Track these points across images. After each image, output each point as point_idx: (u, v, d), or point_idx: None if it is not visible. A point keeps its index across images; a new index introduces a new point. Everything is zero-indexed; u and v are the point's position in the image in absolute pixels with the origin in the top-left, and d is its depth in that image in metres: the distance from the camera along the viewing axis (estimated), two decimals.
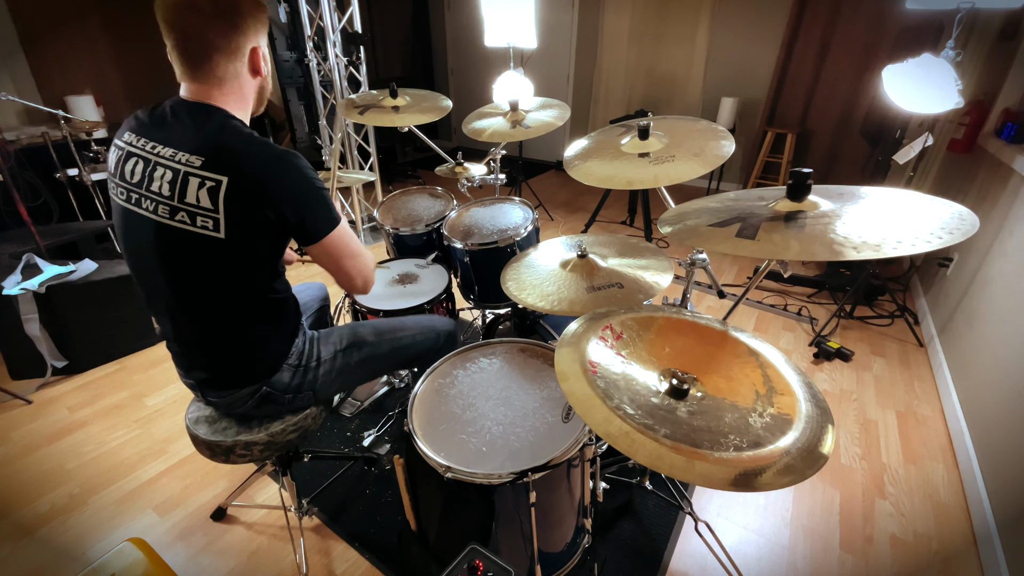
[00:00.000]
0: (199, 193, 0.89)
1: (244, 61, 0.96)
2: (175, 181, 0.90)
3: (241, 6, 0.92)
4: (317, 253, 1.03)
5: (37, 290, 2.01)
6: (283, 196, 0.92)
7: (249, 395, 1.09)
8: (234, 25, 0.92)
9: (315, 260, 1.05)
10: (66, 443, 1.86)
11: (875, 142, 3.16)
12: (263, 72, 1.01)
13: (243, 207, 0.90)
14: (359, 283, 1.12)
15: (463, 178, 2.00)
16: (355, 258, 1.08)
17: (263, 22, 0.97)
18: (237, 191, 0.89)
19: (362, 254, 1.10)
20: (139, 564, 0.93)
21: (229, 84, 0.96)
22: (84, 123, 2.82)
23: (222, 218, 0.89)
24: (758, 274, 1.18)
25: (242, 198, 0.89)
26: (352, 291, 1.15)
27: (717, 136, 1.29)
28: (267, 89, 1.06)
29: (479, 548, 0.78)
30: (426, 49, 6.04)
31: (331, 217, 1.00)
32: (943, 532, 1.52)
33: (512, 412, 1.07)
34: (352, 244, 1.07)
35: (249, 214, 0.91)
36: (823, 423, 0.76)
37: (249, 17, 0.94)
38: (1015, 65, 2.22)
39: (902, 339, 2.46)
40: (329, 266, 1.06)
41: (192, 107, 0.95)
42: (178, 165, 0.90)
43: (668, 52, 4.50)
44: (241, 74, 0.97)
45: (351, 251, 1.07)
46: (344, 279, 1.10)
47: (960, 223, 0.76)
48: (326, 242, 1.01)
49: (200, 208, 0.89)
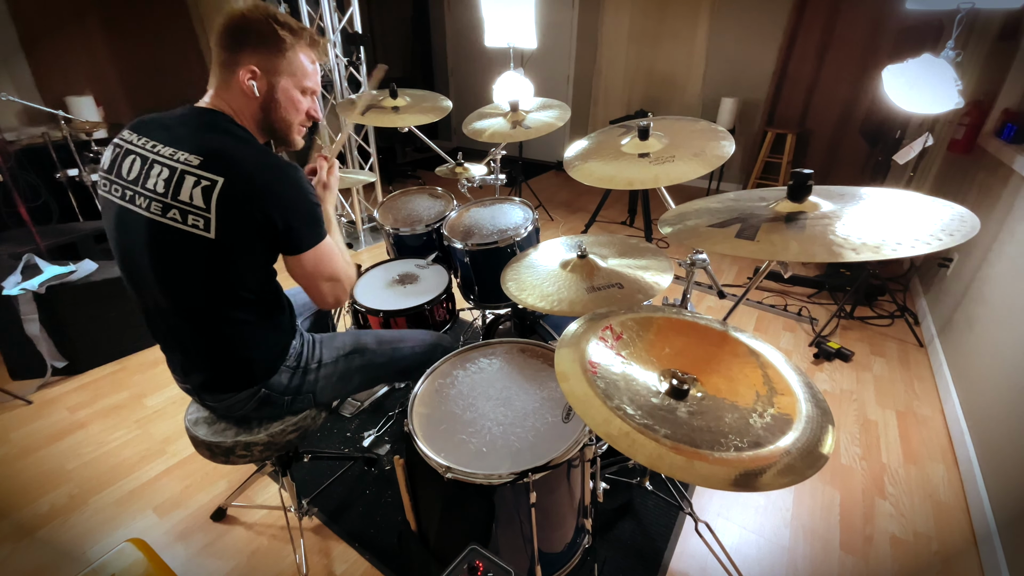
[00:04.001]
0: (193, 191, 0.89)
1: (235, 79, 0.97)
2: (171, 178, 0.90)
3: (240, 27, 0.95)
4: (294, 266, 1.01)
5: (37, 290, 2.01)
6: (274, 202, 0.92)
7: (248, 397, 1.09)
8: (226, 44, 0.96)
9: (294, 274, 1.03)
10: (66, 443, 1.86)
11: (875, 142, 3.16)
12: (252, 95, 0.99)
13: (235, 209, 0.90)
14: (330, 301, 1.09)
15: (463, 178, 2.00)
16: (332, 282, 1.06)
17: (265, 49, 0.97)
18: (231, 192, 0.89)
19: (340, 280, 1.07)
20: (139, 564, 0.93)
21: (231, 94, 0.99)
22: (84, 123, 2.82)
23: (213, 218, 0.89)
24: (758, 274, 1.18)
25: (235, 200, 0.90)
26: (323, 307, 1.14)
27: (717, 136, 1.29)
28: (275, 116, 1.03)
29: (479, 548, 0.78)
30: (426, 49, 6.04)
31: (318, 231, 1.00)
32: (943, 532, 1.52)
33: (512, 412, 1.07)
34: (332, 267, 1.04)
35: (240, 216, 0.91)
36: (823, 423, 0.76)
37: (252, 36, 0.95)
38: (1015, 65, 2.22)
39: (902, 339, 2.46)
40: (304, 283, 1.04)
41: (200, 111, 0.98)
42: (175, 163, 0.91)
43: (668, 52, 4.50)
44: (232, 87, 0.98)
45: (329, 273, 1.04)
46: (316, 296, 1.07)
47: (960, 224, 0.76)
48: (307, 257, 0.99)
49: (192, 206, 0.90)
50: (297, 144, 1.09)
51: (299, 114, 1.06)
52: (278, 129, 1.05)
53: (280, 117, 1.04)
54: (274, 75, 0.99)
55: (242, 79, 0.97)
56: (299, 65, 1.01)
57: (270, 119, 1.03)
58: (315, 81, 1.06)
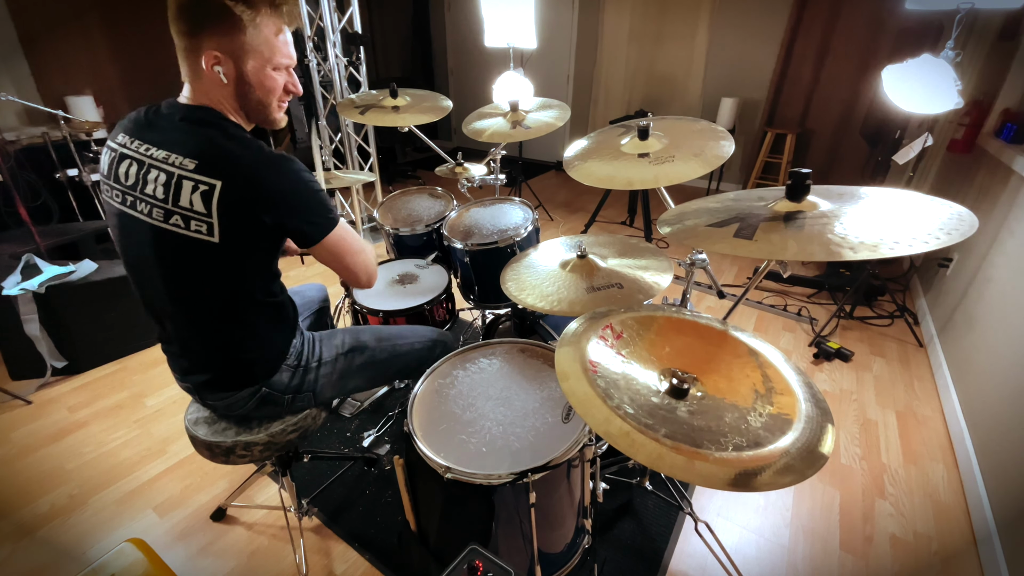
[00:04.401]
0: (192, 197, 0.88)
1: (200, 66, 0.90)
2: (169, 184, 0.89)
3: (195, 7, 0.87)
4: (319, 253, 1.04)
5: (37, 290, 2.01)
6: (279, 201, 0.91)
7: (248, 396, 1.09)
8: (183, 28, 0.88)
9: (318, 259, 1.06)
10: (66, 443, 1.86)
11: (875, 142, 3.16)
12: (222, 82, 0.92)
13: (238, 211, 0.89)
14: (363, 278, 1.13)
15: (463, 178, 2.00)
16: (356, 255, 1.08)
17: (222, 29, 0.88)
18: (231, 195, 0.88)
19: (363, 250, 1.11)
20: (139, 564, 0.93)
21: (200, 85, 0.93)
22: (84, 123, 2.81)
23: (216, 222, 0.89)
24: (758, 274, 1.18)
25: (237, 203, 0.89)
26: (357, 286, 1.16)
27: (717, 136, 1.29)
28: (251, 99, 0.97)
29: (479, 548, 0.78)
30: (426, 49, 6.04)
31: (329, 218, 1.00)
32: (943, 532, 1.52)
33: (512, 412, 1.07)
34: (352, 241, 1.07)
35: (244, 219, 0.90)
36: (823, 423, 0.76)
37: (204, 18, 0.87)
38: (1015, 65, 2.22)
39: (902, 339, 2.46)
40: (333, 265, 1.07)
41: (185, 109, 0.94)
42: (171, 168, 0.89)
43: (668, 52, 4.50)
44: (202, 77, 0.92)
45: (353, 248, 1.07)
46: (349, 276, 1.11)
47: (959, 223, 0.76)
48: (326, 243, 1.01)
49: (194, 212, 0.89)
50: (280, 122, 1.04)
51: (275, 94, 0.98)
52: (257, 112, 0.99)
53: (257, 100, 0.97)
54: (239, 57, 0.90)
55: (207, 67, 0.89)
56: (264, 40, 0.91)
57: (247, 105, 0.97)
58: (286, 53, 0.96)
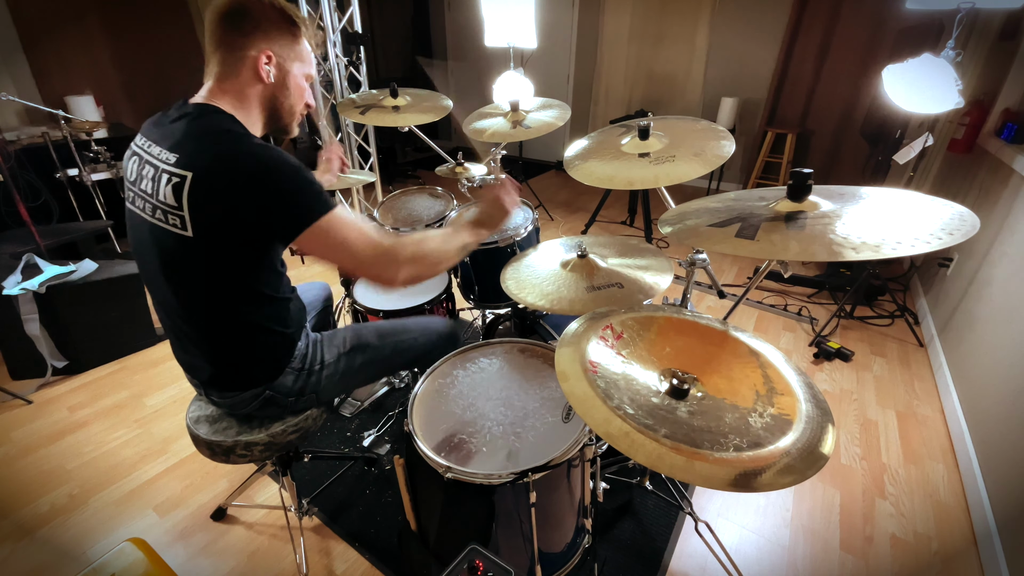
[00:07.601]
0: (165, 190, 0.88)
1: (246, 63, 0.95)
2: (155, 179, 0.90)
3: (249, 10, 0.94)
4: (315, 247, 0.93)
5: (37, 290, 2.01)
6: (253, 187, 0.85)
7: (252, 398, 1.09)
8: (233, 27, 0.94)
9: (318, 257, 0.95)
10: (66, 443, 1.86)
11: (875, 142, 3.16)
12: (266, 80, 0.97)
13: (207, 204, 0.86)
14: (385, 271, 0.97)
15: (463, 178, 2.00)
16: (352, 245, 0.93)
17: (278, 34, 0.97)
18: (199, 188, 0.85)
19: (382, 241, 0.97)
20: (139, 564, 0.93)
21: (230, 82, 0.96)
22: (84, 123, 2.82)
23: (187, 215, 0.87)
24: (758, 274, 1.18)
25: (205, 195, 0.86)
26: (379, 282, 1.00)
27: (717, 136, 1.29)
28: (284, 103, 1.03)
29: (479, 548, 0.78)
30: (426, 49, 6.04)
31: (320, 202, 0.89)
32: (943, 532, 1.52)
33: (512, 412, 1.07)
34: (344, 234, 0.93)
35: (215, 211, 0.86)
36: (823, 423, 0.76)
37: (263, 21, 0.95)
38: (1015, 65, 2.22)
39: (902, 339, 2.46)
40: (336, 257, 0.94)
41: (192, 107, 0.95)
42: (158, 162, 0.90)
43: (668, 52, 4.50)
44: (241, 74, 0.96)
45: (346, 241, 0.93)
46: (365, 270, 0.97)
47: (960, 223, 0.76)
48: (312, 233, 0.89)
49: (168, 206, 0.88)
50: (295, 131, 1.10)
51: (302, 101, 1.07)
52: (283, 116, 1.05)
53: (289, 104, 1.04)
54: (288, 61, 1.00)
55: (259, 64, 0.96)
56: (307, 52, 1.04)
57: (277, 106, 1.03)
58: (315, 69, 1.09)
